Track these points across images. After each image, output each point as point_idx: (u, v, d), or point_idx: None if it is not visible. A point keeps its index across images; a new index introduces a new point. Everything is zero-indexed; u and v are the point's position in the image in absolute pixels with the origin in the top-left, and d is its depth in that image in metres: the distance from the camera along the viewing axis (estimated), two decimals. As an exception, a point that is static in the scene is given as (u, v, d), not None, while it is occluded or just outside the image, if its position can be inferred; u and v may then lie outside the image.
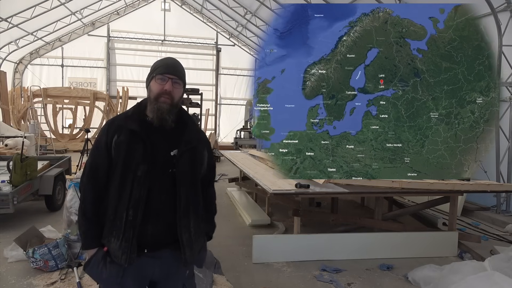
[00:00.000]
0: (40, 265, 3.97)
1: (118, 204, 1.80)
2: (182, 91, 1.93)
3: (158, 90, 1.84)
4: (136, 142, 1.81)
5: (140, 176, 1.78)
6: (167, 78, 1.85)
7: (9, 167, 5.69)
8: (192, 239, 1.88)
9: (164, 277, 1.92)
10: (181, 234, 1.85)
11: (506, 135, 6.77)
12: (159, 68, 1.87)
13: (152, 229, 1.82)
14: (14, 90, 15.64)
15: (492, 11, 6.59)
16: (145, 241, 1.83)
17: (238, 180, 8.44)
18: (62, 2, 13.55)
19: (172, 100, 1.85)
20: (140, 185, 1.78)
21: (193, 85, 13.03)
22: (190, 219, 1.87)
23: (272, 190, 4.30)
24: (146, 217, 1.80)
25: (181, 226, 1.85)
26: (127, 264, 1.79)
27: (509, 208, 6.73)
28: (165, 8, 18.12)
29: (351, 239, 4.76)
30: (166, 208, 1.84)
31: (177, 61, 1.96)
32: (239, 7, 14.83)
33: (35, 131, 11.92)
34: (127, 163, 1.80)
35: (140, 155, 1.79)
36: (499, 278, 2.90)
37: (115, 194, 1.81)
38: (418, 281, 3.88)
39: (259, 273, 4.17)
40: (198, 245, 1.95)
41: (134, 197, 1.78)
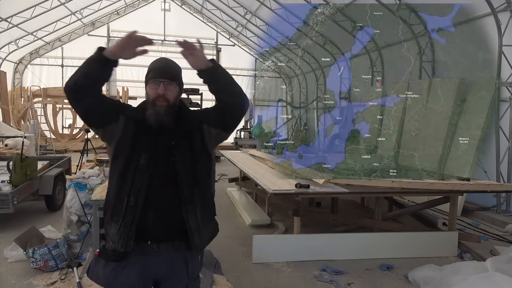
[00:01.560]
0: (40, 265, 3.97)
1: (121, 191, 1.83)
2: (177, 90, 1.91)
3: (153, 95, 1.86)
4: (139, 131, 1.85)
5: (142, 164, 1.82)
6: (159, 82, 1.86)
7: (9, 167, 5.68)
8: (199, 224, 1.88)
9: (168, 277, 1.92)
10: (188, 219, 1.85)
11: (506, 135, 6.77)
12: (151, 72, 1.89)
13: (153, 217, 1.83)
14: (14, 90, 15.64)
15: (492, 11, 6.59)
16: (146, 231, 1.83)
17: (238, 180, 8.44)
18: (62, 2, 13.54)
19: (168, 102, 1.86)
20: (142, 173, 1.81)
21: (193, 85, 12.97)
22: (195, 204, 1.88)
23: (272, 190, 4.30)
24: (147, 204, 1.82)
25: (188, 211, 1.85)
26: (122, 249, 1.80)
27: (509, 208, 6.73)
28: (165, 8, 18.11)
29: (351, 239, 4.75)
30: (168, 197, 1.85)
31: (168, 61, 1.95)
32: (239, 7, 14.82)
33: (35, 131, 11.92)
34: (131, 151, 1.83)
35: (143, 143, 1.84)
36: (500, 279, 2.90)
37: (118, 180, 1.85)
38: (418, 281, 3.88)
39: (259, 273, 4.17)
40: (206, 231, 1.94)
41: (136, 184, 1.81)
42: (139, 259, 1.85)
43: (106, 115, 1.85)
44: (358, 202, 7.39)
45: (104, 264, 1.86)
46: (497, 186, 5.19)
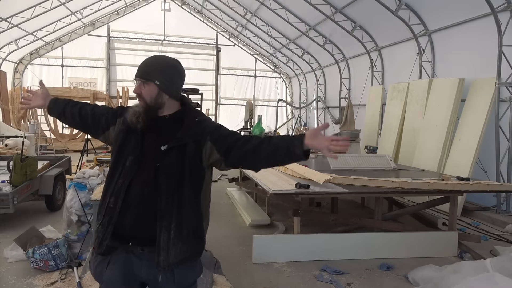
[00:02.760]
0: (40, 265, 3.97)
1: (106, 191, 1.86)
2: (153, 89, 1.84)
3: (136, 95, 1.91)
4: (131, 133, 1.86)
5: (127, 166, 1.82)
6: (136, 81, 1.90)
7: (9, 167, 5.68)
8: (170, 243, 1.76)
9: (152, 281, 1.85)
10: (160, 235, 1.76)
11: (506, 135, 6.77)
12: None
13: (131, 221, 1.79)
14: (14, 90, 15.63)
15: (492, 11, 6.59)
16: (124, 233, 1.81)
17: (238, 180, 8.44)
18: (62, 2, 13.53)
19: (145, 101, 1.85)
20: (125, 175, 1.81)
21: (193, 85, 13.01)
22: (171, 221, 1.77)
23: (272, 190, 4.30)
24: (125, 207, 1.79)
25: (161, 226, 1.76)
26: (97, 247, 1.83)
27: (509, 208, 6.73)
28: (165, 8, 18.08)
29: (351, 239, 4.75)
30: (148, 202, 1.78)
31: (148, 59, 1.92)
32: (239, 7, 14.81)
33: (35, 131, 11.91)
34: (120, 153, 1.86)
35: (131, 146, 1.84)
36: (500, 279, 2.90)
37: (107, 179, 1.89)
38: (418, 281, 3.88)
39: (259, 273, 4.17)
40: (176, 251, 1.78)
41: (118, 185, 1.81)
42: (125, 257, 1.84)
43: (98, 124, 1.99)
44: (358, 202, 7.39)
45: (94, 257, 1.91)
46: (497, 186, 5.18)
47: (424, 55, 9.12)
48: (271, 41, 16.13)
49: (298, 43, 15.26)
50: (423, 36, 9.04)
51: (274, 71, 19.51)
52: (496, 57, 6.68)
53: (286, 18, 12.99)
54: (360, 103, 12.30)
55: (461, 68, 7.87)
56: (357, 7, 10.12)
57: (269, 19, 14.51)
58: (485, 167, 7.03)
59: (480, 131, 6.78)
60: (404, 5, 8.65)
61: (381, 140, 9.91)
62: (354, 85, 13.31)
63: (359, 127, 11.33)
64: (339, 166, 5.75)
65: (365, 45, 11.39)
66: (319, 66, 15.76)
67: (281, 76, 19.68)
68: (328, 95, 15.73)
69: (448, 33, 8.41)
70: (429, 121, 8.05)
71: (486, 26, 7.09)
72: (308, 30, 13.12)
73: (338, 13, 10.80)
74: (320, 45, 13.42)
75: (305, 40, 14.23)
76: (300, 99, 18.33)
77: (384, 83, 11.15)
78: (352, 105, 12.00)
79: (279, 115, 18.02)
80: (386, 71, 11.23)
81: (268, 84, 19.60)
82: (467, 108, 7.31)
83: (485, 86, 6.94)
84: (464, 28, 7.85)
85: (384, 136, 9.74)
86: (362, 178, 4.71)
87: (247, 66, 19.20)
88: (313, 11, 11.15)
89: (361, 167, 5.89)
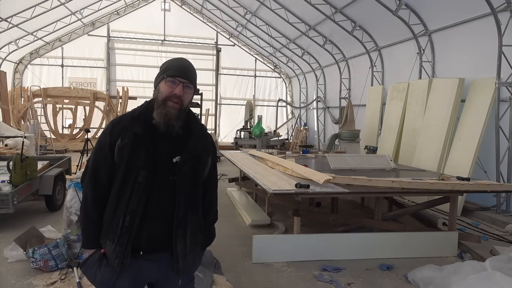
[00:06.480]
0: (40, 265, 3.97)
1: (116, 208, 1.77)
2: (192, 95, 1.85)
3: (167, 93, 1.77)
4: (139, 146, 1.76)
5: (140, 182, 1.74)
6: (178, 82, 1.77)
7: (9, 167, 5.68)
8: (187, 250, 1.84)
9: (162, 281, 1.89)
10: (176, 244, 1.81)
11: (506, 135, 6.77)
12: (170, 69, 1.79)
13: (147, 235, 1.79)
14: (14, 90, 15.62)
15: (492, 11, 6.59)
16: (140, 245, 1.80)
17: (238, 180, 8.44)
18: (62, 2, 13.53)
19: (181, 105, 1.78)
20: (139, 191, 1.74)
21: (193, 85, 13.00)
22: (187, 229, 1.83)
23: (272, 190, 4.30)
24: (142, 223, 1.77)
25: (177, 235, 1.80)
26: (119, 268, 1.77)
27: (509, 208, 6.73)
28: (165, 8, 18.09)
29: (351, 239, 4.75)
30: (164, 215, 1.79)
31: (189, 63, 1.87)
32: (239, 7, 14.81)
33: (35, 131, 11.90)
34: (128, 168, 1.76)
35: (142, 160, 1.75)
36: (500, 278, 2.90)
37: (115, 197, 1.79)
38: (418, 281, 3.88)
39: (259, 273, 4.17)
40: (192, 256, 1.89)
41: (133, 203, 1.74)
42: (133, 265, 1.81)
43: (112, 166, 1.81)
44: (358, 202, 7.39)
45: (105, 264, 1.82)
46: (497, 186, 5.18)
47: (424, 55, 9.13)
48: (271, 41, 16.13)
49: (298, 43, 15.25)
50: (423, 36, 9.04)
51: (274, 71, 19.51)
52: (496, 57, 6.68)
53: (286, 18, 12.99)
54: (360, 103, 12.30)
55: (461, 68, 7.87)
56: (357, 7, 10.13)
57: (269, 19, 14.51)
58: (485, 167, 7.04)
59: (480, 131, 6.78)
60: (404, 5, 8.66)
61: (381, 140, 9.91)
62: (354, 85, 13.31)
63: (359, 127, 11.32)
64: (339, 166, 5.77)
65: (365, 45, 11.39)
66: (319, 66, 15.75)
67: (281, 76, 19.68)
68: (328, 95, 15.72)
69: (448, 33, 8.41)
70: (429, 121, 8.05)
71: (486, 26, 7.09)
72: (308, 30, 13.12)
73: (338, 13, 10.80)
74: (320, 45, 13.42)
75: (305, 40, 14.22)
76: (300, 99, 18.33)
77: (384, 83, 11.15)
78: (352, 105, 12.00)
79: (279, 115, 18.04)
80: (386, 71, 11.23)
81: (268, 84, 19.60)
82: (467, 108, 7.31)
83: (485, 86, 6.94)
84: (464, 28, 7.86)
85: (384, 136, 9.74)
86: (362, 178, 4.71)
87: (247, 66, 19.20)
88: (313, 11, 11.16)
89: (361, 167, 5.90)
